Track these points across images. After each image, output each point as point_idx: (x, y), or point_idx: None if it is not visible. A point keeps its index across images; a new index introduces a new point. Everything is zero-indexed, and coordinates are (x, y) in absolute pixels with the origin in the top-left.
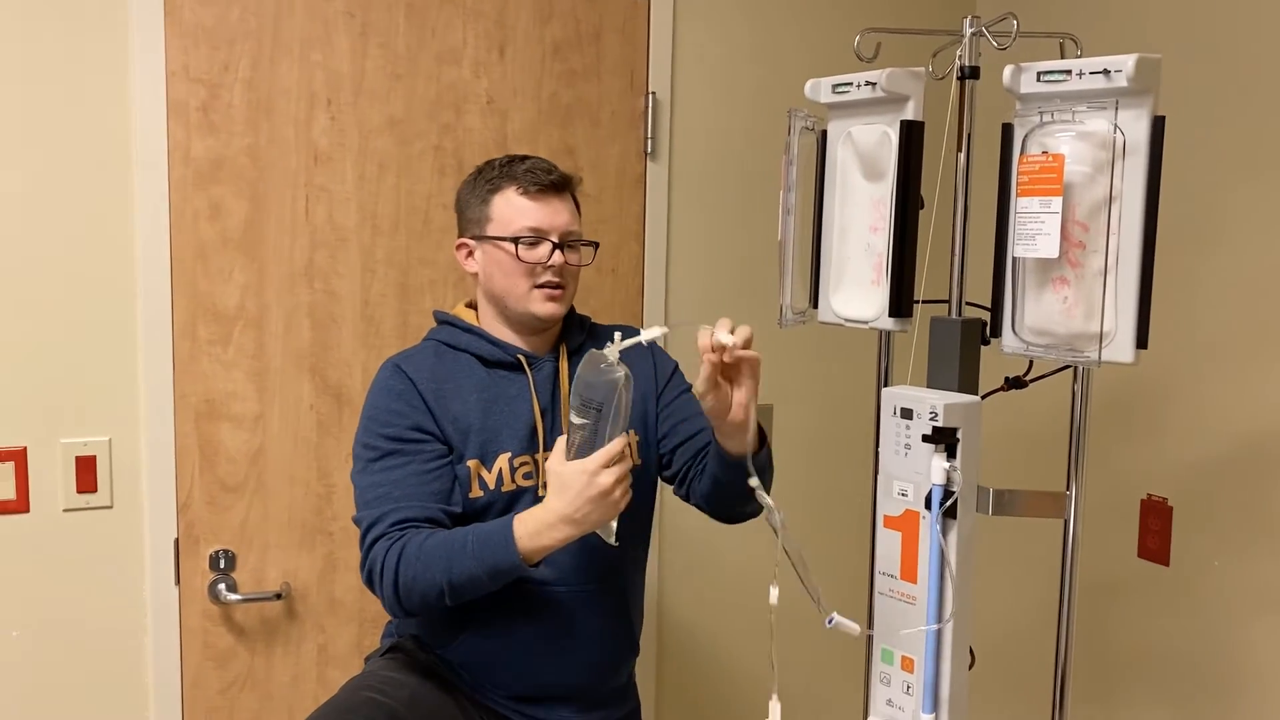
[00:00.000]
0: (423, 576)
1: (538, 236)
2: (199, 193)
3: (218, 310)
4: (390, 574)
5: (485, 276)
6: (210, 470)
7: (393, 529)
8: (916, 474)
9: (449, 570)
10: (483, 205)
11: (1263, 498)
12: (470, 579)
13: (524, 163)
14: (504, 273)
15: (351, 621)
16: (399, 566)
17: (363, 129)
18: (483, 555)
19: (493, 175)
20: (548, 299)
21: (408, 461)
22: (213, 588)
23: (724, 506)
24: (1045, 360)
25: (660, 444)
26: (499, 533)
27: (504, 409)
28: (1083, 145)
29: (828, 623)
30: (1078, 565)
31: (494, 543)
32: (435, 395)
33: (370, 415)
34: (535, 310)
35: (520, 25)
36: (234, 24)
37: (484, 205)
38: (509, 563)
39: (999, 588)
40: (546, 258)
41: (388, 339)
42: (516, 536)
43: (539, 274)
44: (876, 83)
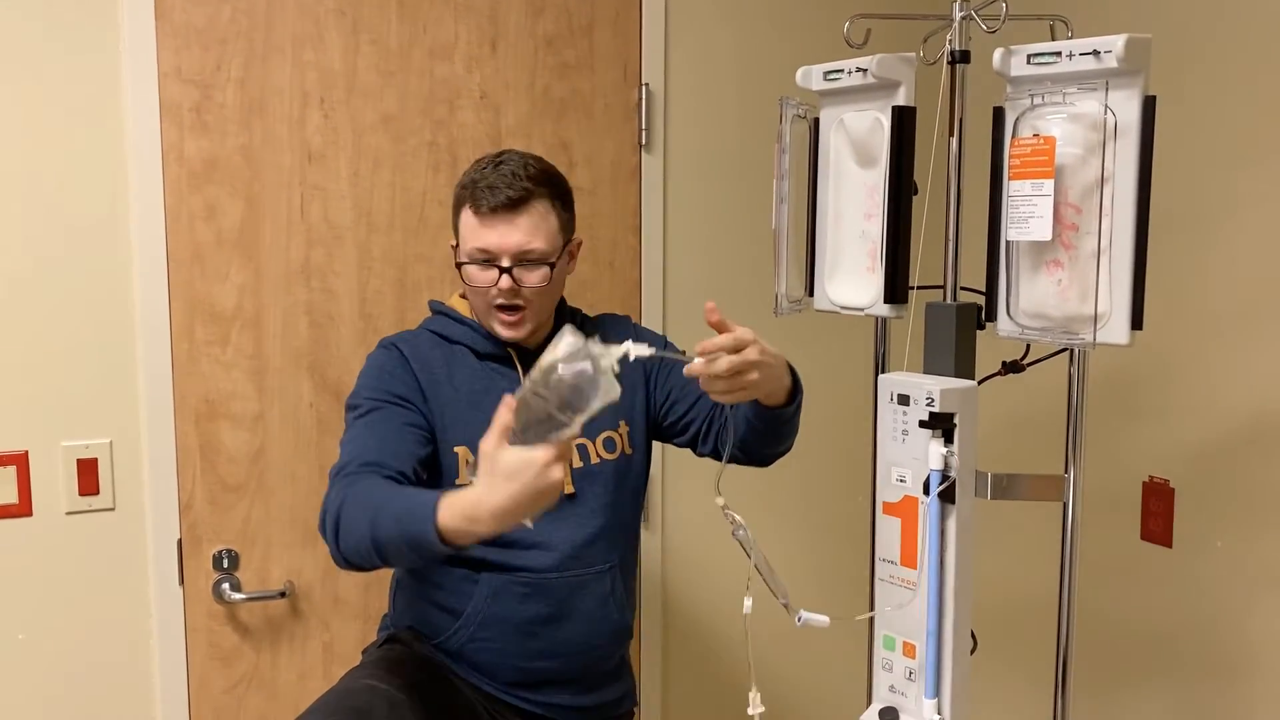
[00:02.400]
0: (354, 525)
1: (486, 259)
2: (194, 193)
3: (215, 311)
4: (332, 514)
5: (466, 279)
6: (211, 470)
7: (356, 471)
8: (914, 460)
9: (373, 525)
10: (455, 216)
11: (1265, 478)
12: (390, 542)
13: (487, 177)
14: (472, 291)
15: (356, 619)
16: (340, 508)
17: (356, 126)
18: (403, 521)
19: (461, 187)
20: (504, 324)
21: (388, 417)
22: (217, 587)
23: (759, 450)
24: (1041, 343)
25: (668, 414)
26: (423, 505)
27: (495, 401)
28: (1074, 127)
29: (797, 621)
30: (1078, 548)
31: (416, 514)
32: (426, 377)
33: (361, 383)
34: (498, 331)
35: (512, 19)
36: (225, 24)
37: (456, 217)
38: (426, 539)
39: (1002, 571)
40: (494, 282)
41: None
42: (439, 515)
43: (493, 295)
44: (867, 69)
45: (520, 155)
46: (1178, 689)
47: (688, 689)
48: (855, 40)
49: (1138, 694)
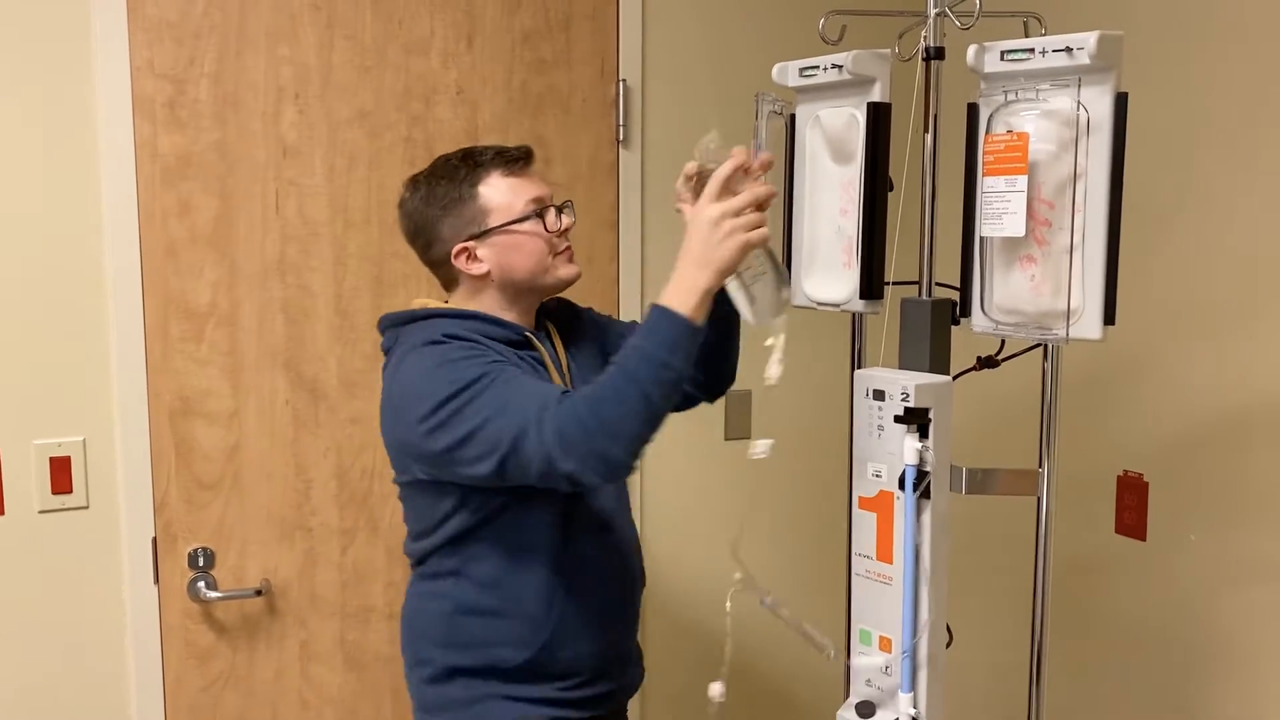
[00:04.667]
0: (615, 403)
1: (544, 206)
2: (167, 189)
3: (189, 307)
4: (586, 419)
5: (501, 268)
6: (186, 468)
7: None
8: (890, 455)
9: (636, 379)
10: (473, 200)
11: (1236, 471)
12: (657, 374)
13: (483, 151)
14: (526, 253)
15: (333, 616)
16: (587, 411)
17: (331, 122)
18: (656, 341)
19: (464, 172)
20: (569, 260)
21: (515, 374)
22: (192, 586)
23: (715, 372)
24: (1015, 339)
25: None
26: (653, 319)
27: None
28: (1047, 123)
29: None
30: (1052, 541)
31: (658, 328)
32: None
33: (441, 378)
34: (563, 276)
35: (488, 14)
36: (198, 18)
37: (474, 200)
38: (681, 327)
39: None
40: (561, 224)
41: (362, 332)
42: (667, 303)
43: (557, 242)
44: (843, 65)
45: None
46: (1152, 681)
47: (661, 678)
48: (830, 36)
49: (1112, 686)
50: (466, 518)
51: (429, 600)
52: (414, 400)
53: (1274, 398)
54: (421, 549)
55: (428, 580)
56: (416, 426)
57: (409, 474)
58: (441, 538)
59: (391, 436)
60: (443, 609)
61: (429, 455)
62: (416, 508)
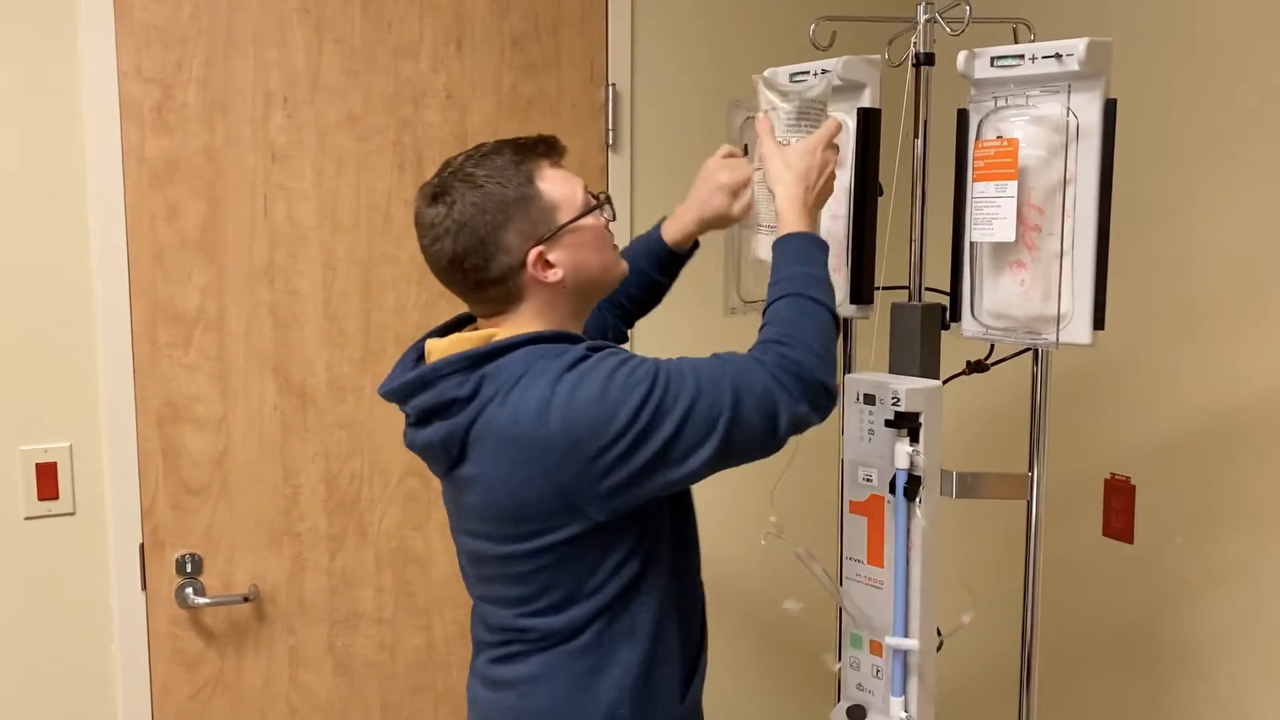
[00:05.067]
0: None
1: (603, 195)
2: (155, 194)
3: (177, 312)
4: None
5: (576, 270)
6: (174, 474)
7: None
8: (880, 459)
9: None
10: (536, 198)
11: (1223, 474)
12: (827, 291)
13: (527, 142)
14: (597, 249)
15: (322, 622)
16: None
17: (320, 126)
18: (818, 262)
19: (516, 166)
20: (620, 253)
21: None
22: (180, 592)
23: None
24: (1005, 344)
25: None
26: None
27: None
28: (1036, 129)
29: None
30: (1041, 545)
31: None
32: None
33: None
34: (622, 270)
35: (478, 18)
36: (186, 22)
37: (538, 197)
38: (823, 245)
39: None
40: (614, 215)
41: (351, 337)
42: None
43: (609, 234)
44: (833, 70)
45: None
46: (1140, 683)
47: None
48: (820, 42)
49: (1100, 689)
50: (640, 558)
51: (594, 678)
52: (595, 429)
53: (1261, 400)
54: (572, 620)
55: (587, 654)
56: (602, 456)
57: (565, 529)
58: (611, 593)
59: (546, 490)
60: (623, 681)
61: (623, 481)
62: (568, 570)
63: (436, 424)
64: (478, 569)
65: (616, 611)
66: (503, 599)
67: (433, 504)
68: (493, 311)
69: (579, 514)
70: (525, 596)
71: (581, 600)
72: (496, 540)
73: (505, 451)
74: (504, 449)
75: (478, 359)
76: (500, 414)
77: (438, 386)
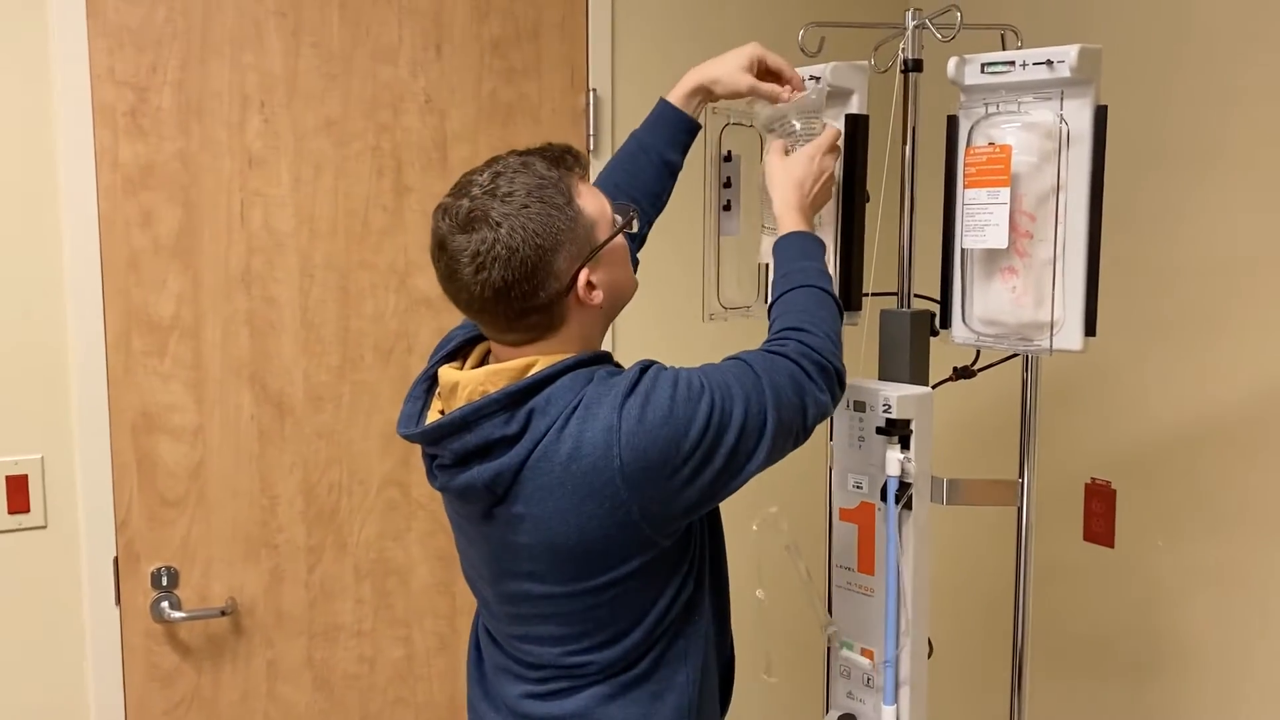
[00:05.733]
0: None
1: (630, 208)
2: (129, 199)
3: (152, 320)
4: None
5: (611, 290)
6: (149, 485)
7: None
8: (871, 466)
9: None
10: (579, 217)
11: (1203, 478)
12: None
13: (559, 151)
14: (623, 265)
15: (300, 635)
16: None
17: (298, 131)
18: (818, 257)
19: (555, 183)
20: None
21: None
22: (155, 606)
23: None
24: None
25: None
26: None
27: None
28: (1028, 136)
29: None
30: (1033, 551)
31: (808, 247)
32: None
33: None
34: (636, 284)
35: (457, 22)
36: (160, 25)
37: (579, 215)
38: (821, 242)
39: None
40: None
41: (329, 345)
42: (794, 227)
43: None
44: (820, 77)
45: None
46: (1120, 688)
47: None
48: (809, 49)
49: (1080, 693)
50: (694, 578)
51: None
52: (667, 453)
53: (1242, 404)
54: (628, 651)
55: (645, 681)
56: (675, 477)
57: (632, 561)
58: (669, 618)
59: (613, 524)
60: (680, 703)
61: (695, 500)
62: (631, 601)
63: (480, 466)
64: (518, 608)
65: (673, 636)
66: (548, 637)
67: (413, 515)
68: (527, 339)
69: (647, 544)
70: (578, 634)
71: (638, 630)
72: (551, 581)
73: (566, 487)
74: (564, 485)
75: (523, 394)
76: (558, 449)
77: (481, 428)
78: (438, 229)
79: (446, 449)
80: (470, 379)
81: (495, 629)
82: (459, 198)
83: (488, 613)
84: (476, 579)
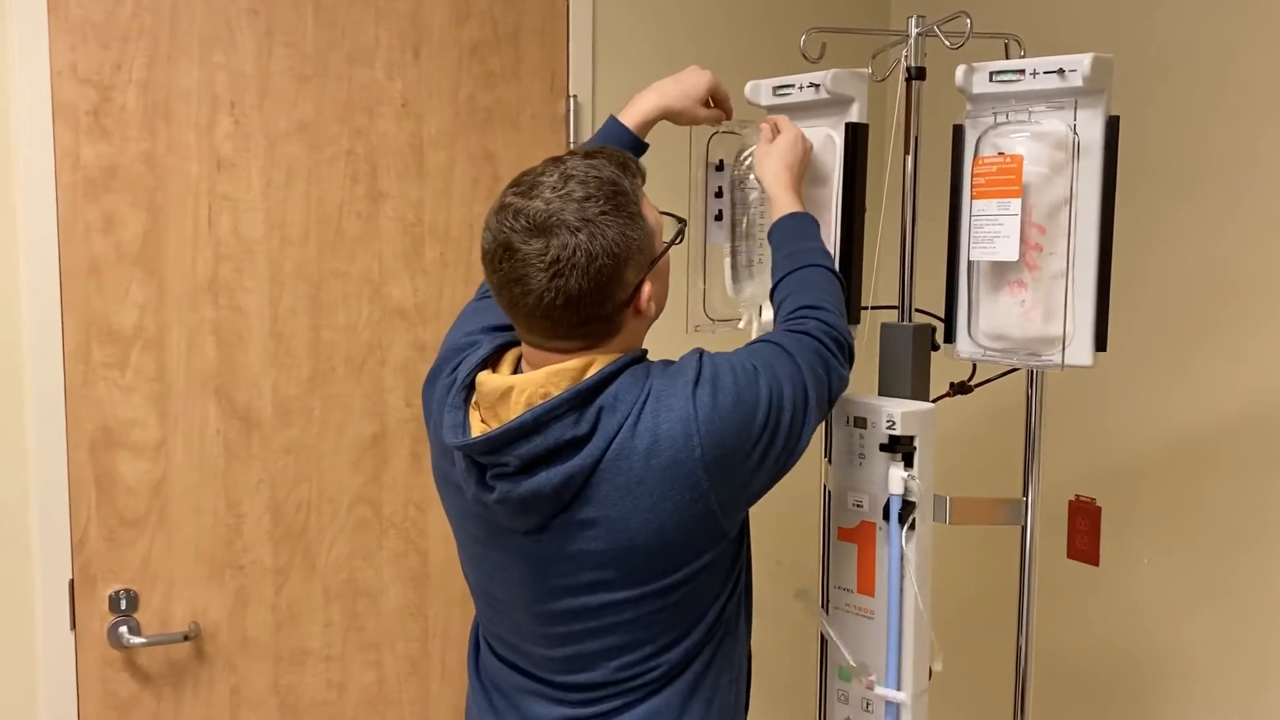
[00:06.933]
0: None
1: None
2: (90, 203)
3: (113, 330)
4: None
5: (659, 302)
6: (108, 504)
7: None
8: (872, 484)
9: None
10: (645, 223)
11: (1188, 496)
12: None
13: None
14: (667, 277)
15: (266, 659)
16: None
17: (269, 133)
18: (817, 235)
19: (625, 190)
20: None
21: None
22: (113, 631)
23: None
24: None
25: None
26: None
27: None
28: (1039, 146)
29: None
30: (1035, 572)
31: (806, 227)
32: None
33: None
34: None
35: (435, 25)
36: (126, 20)
37: (645, 223)
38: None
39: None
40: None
41: (299, 356)
42: (791, 208)
43: None
44: (820, 84)
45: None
46: (1105, 709)
47: None
48: (811, 55)
49: (1067, 713)
50: (744, 568)
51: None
52: (741, 435)
53: (1230, 420)
54: (687, 652)
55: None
56: (749, 459)
57: (706, 554)
58: (725, 615)
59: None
60: (724, 704)
61: (765, 482)
62: (698, 598)
63: (548, 469)
64: (569, 626)
65: (723, 636)
66: (602, 652)
67: (384, 534)
68: (580, 347)
69: (719, 536)
70: (640, 640)
71: (696, 630)
72: (621, 586)
73: (646, 484)
74: (644, 482)
75: (590, 393)
76: (634, 444)
77: (551, 429)
78: (502, 230)
79: (512, 455)
80: (529, 381)
81: (524, 652)
82: (528, 198)
83: (516, 636)
84: (505, 603)
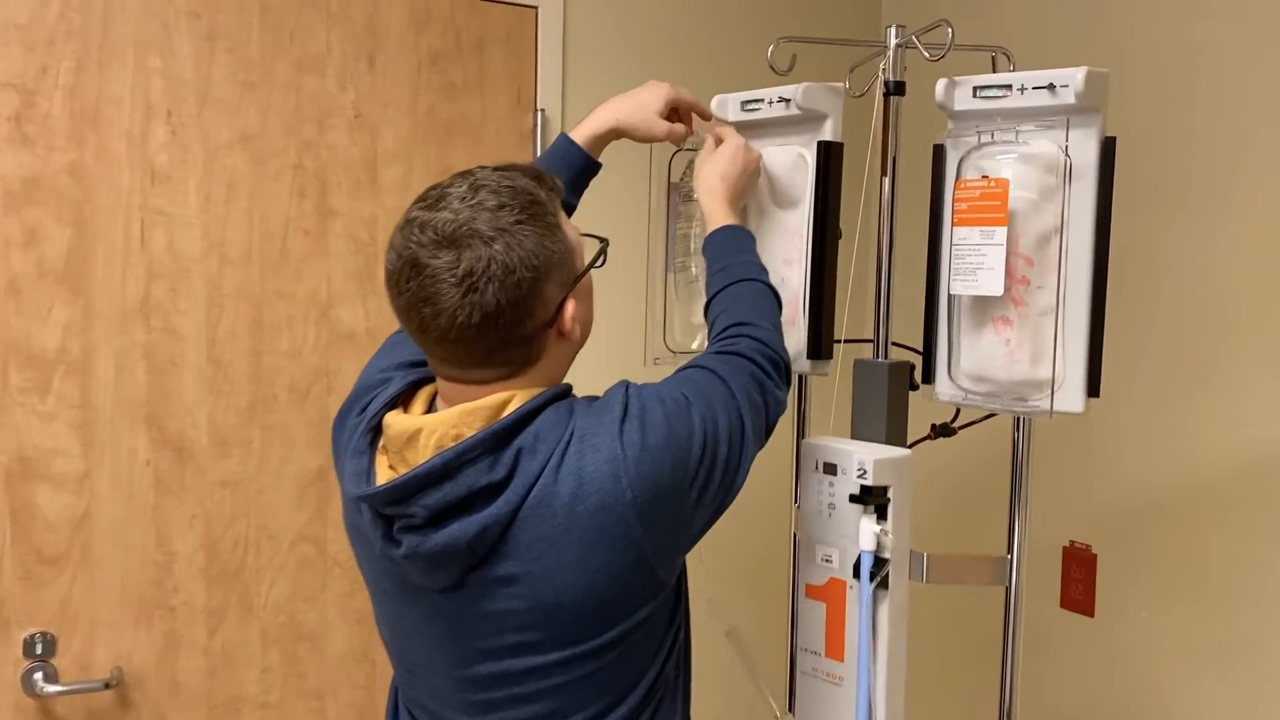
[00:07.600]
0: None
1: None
2: (10, 216)
3: (33, 353)
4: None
5: (583, 324)
6: (24, 540)
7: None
8: (842, 537)
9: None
10: (564, 238)
11: (1191, 544)
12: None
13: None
14: (591, 300)
15: (197, 707)
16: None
17: (209, 144)
18: (751, 249)
19: (549, 202)
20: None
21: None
22: (27, 679)
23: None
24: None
25: None
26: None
27: None
28: (1027, 169)
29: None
30: (1020, 634)
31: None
32: None
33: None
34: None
35: (393, 32)
36: (53, 21)
37: (565, 238)
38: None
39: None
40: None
41: (238, 384)
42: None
43: None
44: (791, 99)
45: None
46: None
47: None
48: (780, 66)
49: None
50: (683, 621)
51: None
52: (676, 475)
53: (1230, 465)
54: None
55: None
56: (686, 499)
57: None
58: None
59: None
60: None
61: (704, 523)
62: (634, 657)
63: (461, 520)
64: (490, 693)
65: (663, 694)
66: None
67: (328, 573)
68: (500, 376)
69: (656, 587)
70: (571, 707)
71: (635, 692)
72: (547, 649)
73: (571, 534)
74: (569, 531)
75: (506, 433)
76: (557, 490)
77: (464, 475)
78: (407, 247)
79: (420, 505)
80: (438, 422)
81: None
82: (434, 210)
83: (435, 703)
84: (423, 666)
